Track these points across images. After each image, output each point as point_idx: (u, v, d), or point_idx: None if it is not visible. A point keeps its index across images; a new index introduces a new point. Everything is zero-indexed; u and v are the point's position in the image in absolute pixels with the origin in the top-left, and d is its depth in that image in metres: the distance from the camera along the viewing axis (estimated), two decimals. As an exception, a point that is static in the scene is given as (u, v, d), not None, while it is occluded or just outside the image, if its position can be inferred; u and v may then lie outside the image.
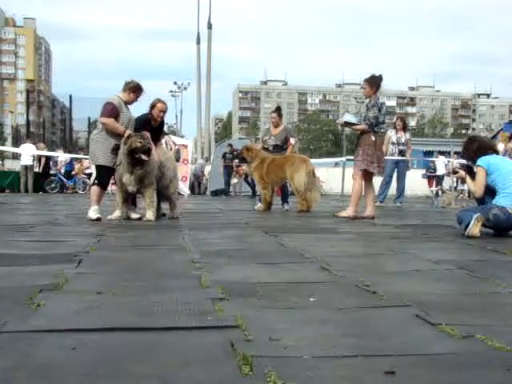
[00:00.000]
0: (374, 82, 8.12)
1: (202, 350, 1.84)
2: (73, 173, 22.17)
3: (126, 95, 7.40)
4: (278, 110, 10.82)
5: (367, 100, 8.21)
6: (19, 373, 1.62)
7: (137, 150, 6.95)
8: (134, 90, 7.44)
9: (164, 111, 7.95)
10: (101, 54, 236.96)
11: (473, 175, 6.05)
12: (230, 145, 20.70)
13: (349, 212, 7.97)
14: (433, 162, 21.74)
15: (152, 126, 7.80)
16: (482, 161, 5.90)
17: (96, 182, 7.50)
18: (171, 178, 7.69)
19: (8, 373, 1.62)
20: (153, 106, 7.84)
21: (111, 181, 7.81)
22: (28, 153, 20.04)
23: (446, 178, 21.43)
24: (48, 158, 21.52)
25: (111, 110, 7.22)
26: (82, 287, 2.85)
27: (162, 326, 2.11)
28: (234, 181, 20.93)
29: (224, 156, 20.18)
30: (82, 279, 3.10)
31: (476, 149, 6.05)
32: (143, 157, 6.97)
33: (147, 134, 7.18)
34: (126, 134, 7.07)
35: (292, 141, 10.64)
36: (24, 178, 20.11)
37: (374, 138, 7.99)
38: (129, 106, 7.49)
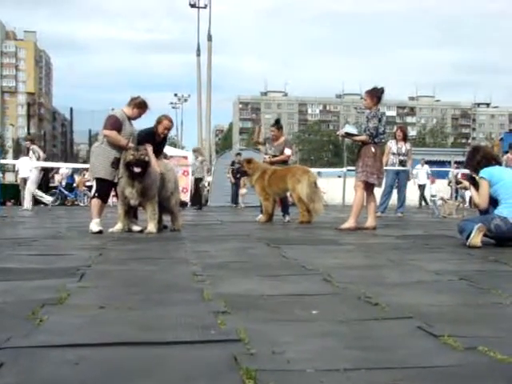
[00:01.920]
0: (375, 95, 8.13)
1: (205, 364, 1.84)
2: (74, 185, 22.19)
3: (130, 110, 7.42)
4: (277, 123, 10.84)
5: (367, 111, 8.23)
6: (23, 389, 1.62)
7: (130, 162, 6.98)
8: (140, 106, 7.46)
9: (169, 129, 7.98)
10: (101, 66, 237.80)
11: (476, 185, 6.07)
12: (239, 153, 20.33)
13: (350, 223, 7.97)
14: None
15: (155, 140, 7.83)
16: (485, 173, 5.91)
17: (96, 194, 7.49)
18: (172, 190, 7.70)
19: (12, 389, 1.62)
20: (159, 122, 7.86)
21: (112, 193, 7.83)
22: (26, 166, 20.05)
23: (429, 186, 21.16)
24: (46, 171, 21.54)
25: (114, 123, 7.24)
26: (85, 301, 2.85)
27: (165, 340, 2.11)
28: (244, 191, 20.67)
29: (233, 164, 19.73)
30: (85, 293, 3.10)
31: (480, 160, 6.06)
32: (136, 169, 6.97)
33: (145, 147, 7.19)
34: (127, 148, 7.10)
35: (288, 152, 10.60)
36: (24, 190, 20.11)
37: (374, 150, 8.01)
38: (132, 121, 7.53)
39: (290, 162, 11.20)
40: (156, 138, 7.83)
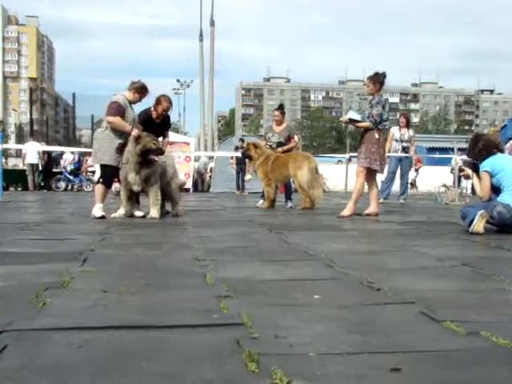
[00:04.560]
0: (378, 80, 8.08)
1: (208, 347, 1.84)
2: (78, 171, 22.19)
3: (130, 94, 7.40)
4: (281, 107, 10.85)
5: (371, 97, 8.19)
6: (26, 371, 1.63)
7: (151, 151, 7.01)
8: (140, 90, 7.44)
9: (166, 110, 7.93)
10: (104, 51, 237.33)
11: (479, 173, 6.06)
12: (242, 139, 20.25)
13: (350, 209, 7.95)
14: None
15: (155, 121, 7.82)
16: (486, 164, 5.90)
17: (100, 180, 7.51)
18: (171, 175, 7.70)
19: (15, 371, 1.62)
20: (158, 103, 7.84)
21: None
22: (34, 150, 20.01)
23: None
24: (49, 156, 21.53)
25: (117, 109, 7.22)
26: (88, 285, 2.86)
27: (168, 324, 2.11)
28: (248, 177, 20.48)
29: (236, 150, 19.52)
30: (87, 277, 3.11)
31: (481, 148, 6.04)
32: (156, 159, 7.06)
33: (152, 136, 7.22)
34: (133, 133, 7.08)
35: (296, 138, 10.74)
36: (31, 176, 20.11)
37: (377, 136, 7.98)
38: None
39: (297, 147, 11.26)
40: (154, 119, 7.82)
